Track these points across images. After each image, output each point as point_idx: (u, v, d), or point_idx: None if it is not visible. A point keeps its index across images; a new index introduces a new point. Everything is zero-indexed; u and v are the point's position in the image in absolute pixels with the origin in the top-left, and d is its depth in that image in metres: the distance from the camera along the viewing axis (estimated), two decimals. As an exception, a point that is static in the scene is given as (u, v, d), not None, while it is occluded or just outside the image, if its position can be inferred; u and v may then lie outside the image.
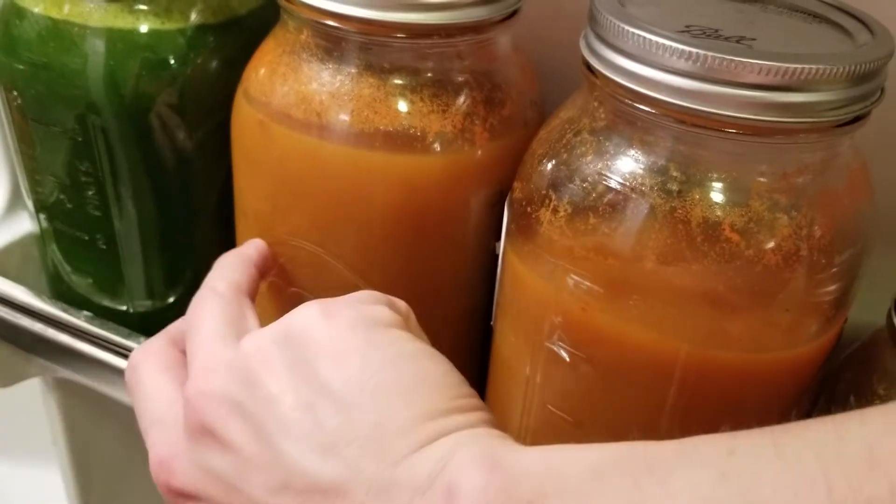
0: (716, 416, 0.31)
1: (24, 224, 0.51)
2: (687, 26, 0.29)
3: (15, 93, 0.41)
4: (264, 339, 0.28)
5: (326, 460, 0.25)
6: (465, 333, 0.40)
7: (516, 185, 0.33)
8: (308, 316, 0.28)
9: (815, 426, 0.21)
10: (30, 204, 0.46)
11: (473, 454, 0.24)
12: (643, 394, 0.30)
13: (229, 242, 0.43)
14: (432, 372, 0.27)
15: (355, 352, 0.27)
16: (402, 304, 0.31)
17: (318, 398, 0.26)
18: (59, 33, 0.39)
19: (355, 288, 0.37)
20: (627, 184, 0.29)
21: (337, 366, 0.27)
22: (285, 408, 0.26)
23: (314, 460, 0.25)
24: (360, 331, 0.28)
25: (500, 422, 0.37)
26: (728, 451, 0.21)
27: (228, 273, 0.34)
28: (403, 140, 0.34)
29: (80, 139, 0.41)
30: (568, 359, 0.31)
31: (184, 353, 0.32)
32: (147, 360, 0.32)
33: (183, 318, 0.33)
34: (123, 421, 0.32)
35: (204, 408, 0.28)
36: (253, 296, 0.34)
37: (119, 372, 0.46)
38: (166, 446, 0.29)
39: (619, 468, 0.22)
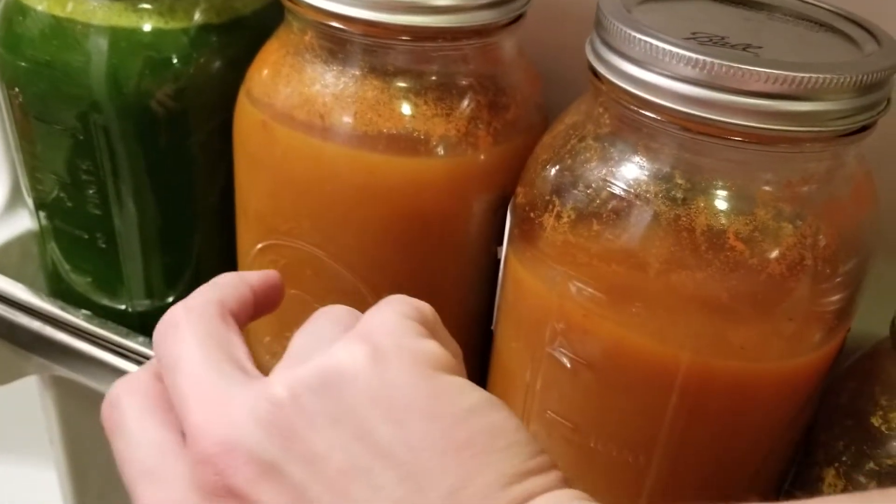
0: (717, 424, 0.31)
1: (24, 221, 0.51)
2: (693, 33, 0.28)
3: (17, 90, 0.41)
4: (298, 384, 0.23)
5: None
6: (465, 338, 0.40)
7: (519, 190, 0.33)
8: (353, 359, 0.23)
9: None
10: (29, 201, 0.46)
11: None
12: (644, 401, 0.30)
13: (230, 242, 0.42)
14: (503, 428, 0.23)
15: (417, 406, 0.22)
16: (427, 308, 0.27)
17: (374, 460, 0.22)
18: (63, 31, 0.39)
19: (355, 291, 0.37)
20: (632, 190, 0.29)
21: (396, 422, 0.22)
22: (333, 470, 0.22)
23: None
24: (419, 379, 0.23)
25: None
26: None
27: (209, 290, 0.27)
28: (407, 143, 0.34)
29: (81, 137, 0.40)
30: (569, 365, 0.31)
31: None
32: (130, 397, 0.26)
33: None
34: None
35: (228, 467, 0.22)
36: (242, 318, 0.28)
37: (117, 371, 0.46)
38: None
39: None
